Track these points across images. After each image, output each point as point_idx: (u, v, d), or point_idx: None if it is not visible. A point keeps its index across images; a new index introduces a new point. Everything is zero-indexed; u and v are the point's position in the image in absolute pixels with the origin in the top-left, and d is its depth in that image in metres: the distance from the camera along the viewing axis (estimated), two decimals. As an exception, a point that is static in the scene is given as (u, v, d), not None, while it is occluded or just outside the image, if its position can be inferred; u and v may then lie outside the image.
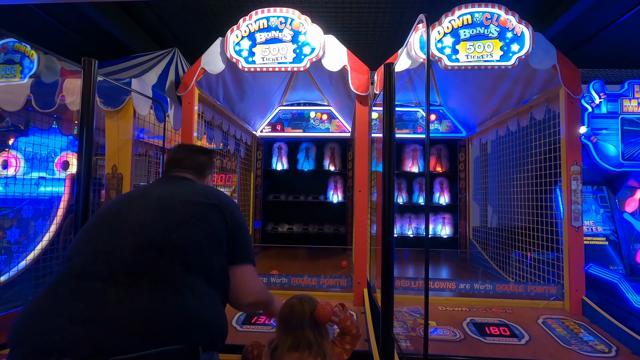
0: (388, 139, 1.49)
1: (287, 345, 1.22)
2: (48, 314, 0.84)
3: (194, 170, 1.28)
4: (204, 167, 1.31)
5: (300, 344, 1.22)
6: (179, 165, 1.27)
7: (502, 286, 2.43)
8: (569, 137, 2.34)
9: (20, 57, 2.48)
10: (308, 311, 1.27)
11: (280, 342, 1.24)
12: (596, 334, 1.92)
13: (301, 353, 1.20)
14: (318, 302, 1.31)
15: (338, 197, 4.71)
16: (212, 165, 1.37)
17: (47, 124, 2.84)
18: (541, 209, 2.65)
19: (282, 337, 1.25)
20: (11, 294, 2.57)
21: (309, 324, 1.25)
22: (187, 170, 1.27)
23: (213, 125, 3.07)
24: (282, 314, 1.30)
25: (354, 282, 2.40)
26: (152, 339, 0.82)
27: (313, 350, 1.20)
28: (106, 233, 0.99)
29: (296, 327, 1.24)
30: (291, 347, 1.21)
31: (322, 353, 1.21)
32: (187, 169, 1.27)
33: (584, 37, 3.72)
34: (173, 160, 1.29)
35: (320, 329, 1.28)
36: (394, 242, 1.48)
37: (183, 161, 1.27)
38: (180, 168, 1.27)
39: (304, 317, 1.25)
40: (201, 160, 1.31)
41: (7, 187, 2.73)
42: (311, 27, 2.33)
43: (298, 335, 1.23)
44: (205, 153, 1.35)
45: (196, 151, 1.33)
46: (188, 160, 1.28)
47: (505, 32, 2.20)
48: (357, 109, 2.52)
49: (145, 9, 3.58)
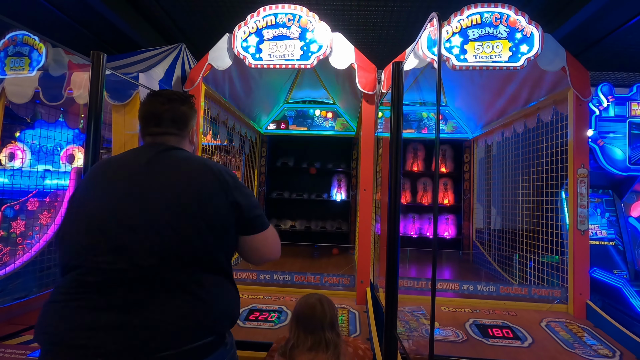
0: (395, 138, 1.49)
1: (307, 346, 1.23)
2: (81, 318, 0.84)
3: (176, 125, 1.12)
4: (187, 119, 1.15)
5: (319, 344, 1.24)
6: (158, 121, 1.10)
7: (506, 288, 2.43)
8: (577, 139, 2.32)
9: (29, 49, 2.49)
10: (328, 313, 1.29)
11: (299, 342, 1.25)
12: (600, 338, 1.91)
13: (317, 352, 1.22)
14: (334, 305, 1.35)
15: (341, 196, 4.71)
16: (194, 115, 1.20)
17: (53, 117, 2.85)
18: (546, 212, 2.63)
19: (301, 337, 1.26)
20: (16, 285, 2.60)
21: (329, 325, 1.27)
22: (169, 129, 1.11)
23: (218, 122, 3.07)
24: (301, 314, 1.30)
25: (356, 281, 2.40)
26: (186, 338, 0.86)
27: (330, 350, 1.22)
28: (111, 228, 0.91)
29: (317, 328, 1.26)
30: (311, 347, 1.23)
31: (337, 353, 1.23)
32: (168, 126, 1.11)
33: (594, 39, 3.69)
34: (151, 115, 1.11)
35: (337, 329, 1.30)
36: (399, 242, 1.47)
37: (162, 115, 1.10)
38: (161, 126, 1.10)
39: (325, 319, 1.27)
40: (182, 110, 1.14)
41: (13, 179, 2.75)
42: (319, 24, 2.33)
43: (318, 336, 1.25)
44: (185, 101, 1.17)
45: (175, 100, 1.13)
46: (169, 113, 1.10)
47: (514, 32, 2.18)
48: (364, 108, 2.51)
49: (153, 4, 3.58)
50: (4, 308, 2.08)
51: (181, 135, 1.14)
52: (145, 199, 0.94)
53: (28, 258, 2.67)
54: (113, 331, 0.82)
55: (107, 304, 0.85)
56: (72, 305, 0.86)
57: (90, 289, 0.87)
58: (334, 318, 1.30)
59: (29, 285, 2.60)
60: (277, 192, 4.78)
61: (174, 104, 1.12)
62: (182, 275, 0.91)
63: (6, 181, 2.83)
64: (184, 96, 1.18)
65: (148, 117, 1.11)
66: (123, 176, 0.99)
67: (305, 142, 4.73)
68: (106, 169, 1.03)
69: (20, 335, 1.80)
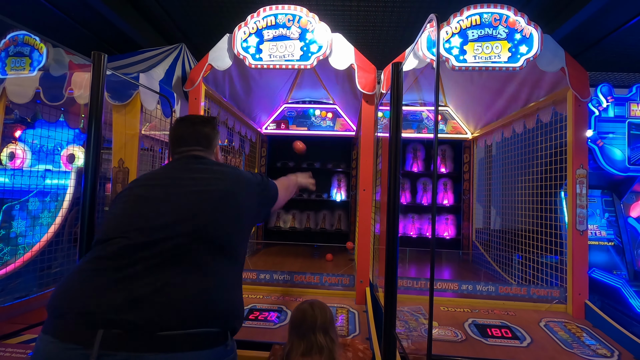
0: (395, 139, 1.49)
1: (300, 350, 1.25)
2: (94, 288, 0.87)
3: (201, 145, 1.23)
4: (210, 138, 1.26)
5: (312, 348, 1.25)
6: (185, 143, 1.22)
7: (505, 288, 2.43)
8: (576, 140, 2.33)
9: (30, 49, 2.49)
10: (319, 316, 1.31)
11: (293, 347, 1.27)
12: (598, 338, 1.92)
13: (311, 357, 1.23)
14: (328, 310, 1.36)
15: (341, 196, 4.71)
16: (217, 135, 1.32)
17: (54, 116, 2.85)
18: (545, 212, 2.64)
19: (295, 343, 1.28)
20: (16, 284, 2.60)
21: (321, 329, 1.28)
22: (198, 148, 1.22)
23: (219, 122, 3.08)
24: (295, 319, 1.34)
25: (356, 281, 2.41)
26: (195, 321, 0.88)
27: (324, 355, 1.23)
28: (146, 214, 1.00)
29: (308, 332, 1.28)
30: (304, 352, 1.24)
31: (332, 358, 1.24)
32: (194, 145, 1.22)
33: (593, 40, 3.69)
34: (178, 138, 1.24)
35: (330, 334, 1.31)
36: (398, 242, 1.48)
37: (188, 137, 1.22)
38: (187, 145, 1.22)
39: (315, 322, 1.29)
40: (206, 132, 1.25)
41: (14, 178, 2.76)
42: (319, 25, 2.33)
43: (310, 340, 1.27)
44: (208, 123, 1.29)
45: (198, 123, 1.27)
46: (193, 135, 1.23)
47: (513, 33, 2.18)
48: (363, 108, 2.52)
49: (153, 4, 3.59)
50: (5, 307, 2.08)
51: (206, 152, 1.26)
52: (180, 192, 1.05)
53: (29, 257, 2.67)
54: (120, 303, 0.84)
55: (119, 276, 0.88)
56: (83, 276, 0.90)
57: (105, 261, 0.91)
58: (327, 322, 1.31)
59: (29, 285, 2.61)
60: (277, 192, 4.78)
61: (197, 126, 1.26)
62: (203, 257, 0.96)
63: (7, 181, 2.84)
64: (207, 119, 1.33)
65: (175, 140, 1.25)
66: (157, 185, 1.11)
67: (305, 142, 4.72)
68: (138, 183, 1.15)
69: (20, 335, 1.81)
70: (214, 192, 1.07)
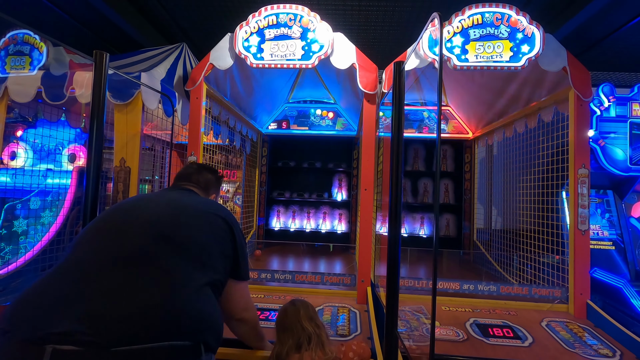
0: (397, 138, 1.49)
1: (287, 345, 1.27)
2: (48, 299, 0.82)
3: (199, 185, 1.37)
4: (209, 184, 1.41)
5: (301, 338, 1.27)
6: (187, 179, 1.37)
7: (506, 288, 2.43)
8: (578, 140, 2.32)
9: (30, 48, 2.49)
10: (301, 308, 1.36)
11: (283, 345, 1.29)
12: (600, 338, 1.92)
13: (302, 354, 1.24)
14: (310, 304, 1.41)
15: (342, 196, 4.71)
16: (217, 185, 1.47)
17: (55, 116, 2.85)
18: (547, 212, 2.63)
19: (283, 341, 1.30)
20: (17, 284, 2.61)
21: (305, 317, 1.32)
22: (193, 184, 1.36)
23: (220, 121, 3.08)
24: (278, 319, 1.38)
25: (357, 280, 2.40)
26: (158, 332, 0.80)
27: (312, 342, 1.25)
28: (118, 224, 1.01)
29: (293, 323, 1.31)
30: (295, 346, 1.26)
31: (321, 342, 1.27)
32: (193, 183, 1.36)
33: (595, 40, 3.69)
34: (183, 175, 1.39)
35: (315, 320, 1.35)
36: (400, 241, 1.48)
37: (191, 176, 1.37)
38: (188, 182, 1.36)
39: (298, 312, 1.34)
40: (208, 177, 1.41)
41: (15, 178, 2.76)
42: (320, 24, 2.33)
43: (296, 331, 1.29)
44: (213, 172, 1.45)
45: (205, 169, 1.43)
46: (196, 175, 1.38)
47: (515, 32, 2.18)
48: (365, 108, 2.51)
49: (155, 4, 3.59)
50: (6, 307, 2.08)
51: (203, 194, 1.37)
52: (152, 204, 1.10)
53: (30, 257, 2.68)
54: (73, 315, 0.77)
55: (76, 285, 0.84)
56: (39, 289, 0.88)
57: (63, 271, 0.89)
58: (309, 312, 1.37)
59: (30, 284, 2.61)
60: (278, 192, 4.79)
61: (203, 171, 1.41)
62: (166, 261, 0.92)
63: (8, 180, 2.84)
64: (213, 169, 1.47)
65: (179, 177, 1.39)
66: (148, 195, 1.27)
67: (306, 141, 4.73)
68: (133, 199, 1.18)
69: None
70: (189, 206, 1.13)
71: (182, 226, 1.02)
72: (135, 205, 1.10)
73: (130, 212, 1.05)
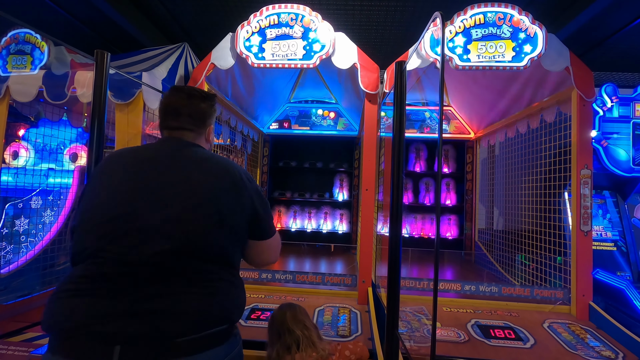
0: (398, 138, 1.48)
1: (277, 349, 1.28)
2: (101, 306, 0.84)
3: (195, 121, 1.13)
4: (205, 116, 1.16)
5: (288, 342, 1.28)
6: (177, 116, 1.11)
7: (508, 289, 2.42)
8: (580, 140, 2.31)
9: (31, 48, 2.49)
10: (288, 311, 1.36)
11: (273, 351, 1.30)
12: (602, 340, 1.90)
13: (294, 353, 1.25)
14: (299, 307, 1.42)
15: (344, 196, 4.70)
16: (213, 114, 1.21)
17: (57, 115, 2.86)
18: (549, 213, 2.62)
19: (273, 345, 1.32)
20: (19, 282, 2.61)
21: (291, 321, 1.33)
22: (187, 123, 1.12)
23: (221, 121, 3.08)
24: (268, 325, 1.40)
25: (358, 281, 2.40)
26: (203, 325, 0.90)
27: (302, 344, 1.26)
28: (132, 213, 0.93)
29: (281, 327, 1.32)
30: (284, 350, 1.27)
31: (312, 342, 1.27)
32: (185, 121, 1.12)
33: (598, 40, 3.67)
34: (170, 108, 1.12)
35: (304, 322, 1.35)
36: (401, 241, 1.47)
37: (181, 110, 1.11)
38: (178, 120, 1.11)
39: (284, 316, 1.35)
40: (202, 108, 1.15)
41: (17, 177, 2.77)
42: (321, 24, 2.32)
43: (284, 336, 1.30)
44: (206, 99, 1.18)
45: (196, 97, 1.15)
46: (187, 108, 1.12)
47: (518, 32, 2.17)
48: (366, 108, 2.51)
49: (156, 3, 3.59)
50: (8, 305, 2.09)
51: (198, 132, 1.15)
52: (162, 194, 0.95)
53: (31, 256, 2.68)
54: (130, 318, 0.83)
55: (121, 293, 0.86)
56: (86, 294, 0.86)
57: (104, 279, 0.87)
58: (297, 315, 1.37)
59: (32, 283, 2.62)
60: (279, 192, 4.79)
61: (193, 100, 1.14)
62: (195, 267, 0.94)
63: (10, 179, 2.84)
64: (205, 94, 1.18)
65: (167, 111, 1.12)
66: (141, 169, 1.00)
67: (308, 141, 4.73)
68: (124, 161, 1.03)
69: (23, 333, 1.82)
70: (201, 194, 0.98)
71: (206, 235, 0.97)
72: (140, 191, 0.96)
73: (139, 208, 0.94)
